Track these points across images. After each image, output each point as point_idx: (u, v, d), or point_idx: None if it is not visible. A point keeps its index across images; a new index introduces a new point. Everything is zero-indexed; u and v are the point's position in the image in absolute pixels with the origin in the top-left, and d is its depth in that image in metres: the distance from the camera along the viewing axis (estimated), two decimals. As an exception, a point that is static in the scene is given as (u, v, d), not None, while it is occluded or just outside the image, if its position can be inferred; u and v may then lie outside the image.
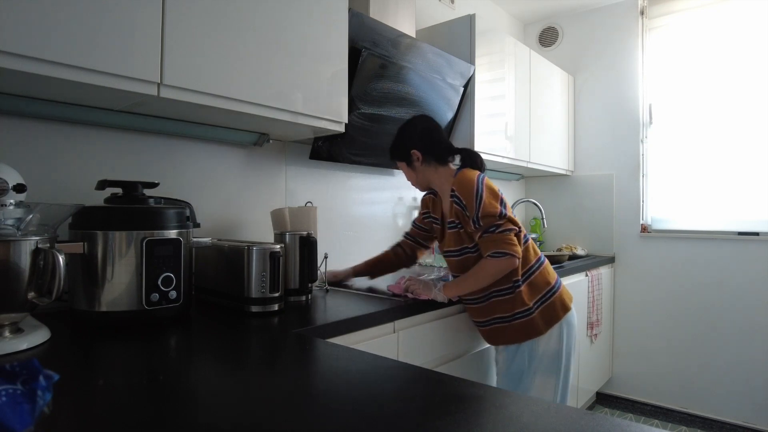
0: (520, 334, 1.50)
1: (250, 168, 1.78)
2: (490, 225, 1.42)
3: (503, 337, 1.53)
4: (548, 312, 1.50)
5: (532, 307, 1.48)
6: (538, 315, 1.49)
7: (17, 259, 0.88)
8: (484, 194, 1.43)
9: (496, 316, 1.51)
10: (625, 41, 3.09)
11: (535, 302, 1.49)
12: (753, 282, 2.64)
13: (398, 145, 1.60)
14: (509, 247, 1.40)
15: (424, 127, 1.59)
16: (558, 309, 1.52)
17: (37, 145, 1.27)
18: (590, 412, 0.65)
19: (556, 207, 3.34)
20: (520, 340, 1.51)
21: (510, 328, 1.50)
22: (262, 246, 1.28)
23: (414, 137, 1.57)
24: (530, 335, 1.49)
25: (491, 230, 1.42)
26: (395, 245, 1.82)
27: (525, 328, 1.49)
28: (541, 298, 1.50)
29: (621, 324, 3.09)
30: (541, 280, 1.52)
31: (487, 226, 1.42)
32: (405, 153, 1.58)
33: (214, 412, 0.67)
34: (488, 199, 1.43)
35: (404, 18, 2.08)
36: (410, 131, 1.59)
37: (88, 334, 1.05)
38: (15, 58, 0.91)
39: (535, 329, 1.49)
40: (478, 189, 1.44)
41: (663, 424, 2.81)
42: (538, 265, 1.54)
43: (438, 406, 0.69)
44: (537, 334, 1.49)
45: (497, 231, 1.41)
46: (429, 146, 1.56)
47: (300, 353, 0.98)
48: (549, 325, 1.50)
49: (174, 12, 1.13)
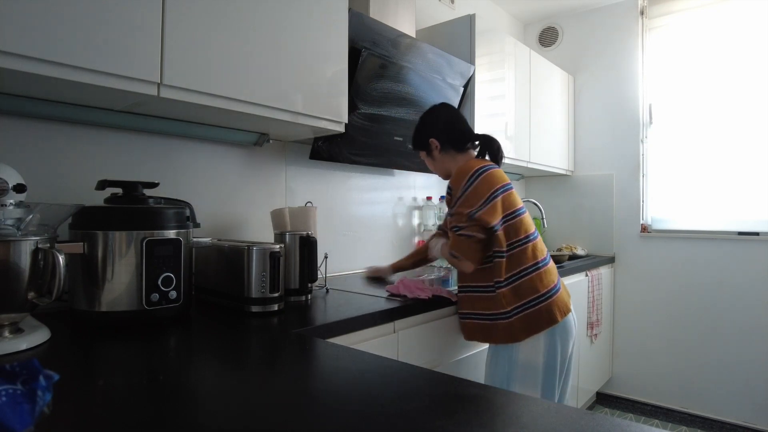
0: (496, 335, 1.44)
1: (250, 168, 1.78)
2: (457, 224, 1.41)
3: (477, 335, 1.50)
4: (529, 320, 1.41)
5: (511, 312, 1.41)
6: (517, 321, 1.41)
7: (17, 259, 0.88)
8: (470, 189, 1.40)
9: (475, 312, 1.48)
10: (625, 41, 3.09)
11: (516, 308, 1.41)
12: (753, 282, 2.64)
13: (418, 134, 1.61)
14: (464, 252, 1.40)
15: (443, 114, 1.59)
16: (542, 320, 1.42)
17: (37, 145, 1.27)
18: (590, 412, 0.65)
19: (556, 207, 3.34)
20: (495, 341, 1.46)
21: (485, 327, 1.46)
22: (262, 246, 1.28)
23: (435, 126, 1.57)
24: (504, 340, 1.43)
25: (454, 229, 1.41)
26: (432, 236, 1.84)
27: (500, 331, 1.43)
28: (524, 305, 1.41)
29: (621, 324, 3.09)
30: (528, 287, 1.42)
31: (454, 224, 1.42)
32: (424, 142, 1.58)
33: (214, 412, 0.67)
34: (471, 195, 1.39)
35: (404, 18, 2.08)
36: (432, 120, 1.59)
37: (88, 334, 1.05)
38: (15, 58, 0.91)
39: (510, 335, 1.42)
40: (468, 181, 1.41)
41: (663, 424, 2.81)
42: (533, 269, 1.45)
43: (438, 406, 0.69)
44: (512, 340, 1.42)
45: (458, 232, 1.40)
46: (448, 134, 1.55)
47: (300, 353, 0.98)
48: (527, 334, 1.41)
49: (174, 12, 1.13)
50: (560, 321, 1.44)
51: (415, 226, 2.56)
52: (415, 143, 1.63)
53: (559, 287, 1.49)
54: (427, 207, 2.58)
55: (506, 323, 1.42)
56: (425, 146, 1.59)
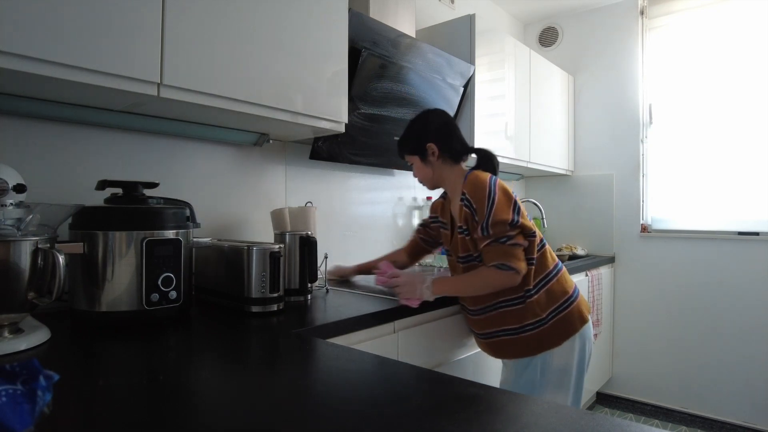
0: (530, 346, 1.39)
1: (250, 168, 1.78)
2: (501, 235, 1.32)
3: (510, 351, 1.44)
4: (564, 323, 1.39)
5: (546, 318, 1.38)
6: (552, 326, 1.38)
7: (17, 259, 0.88)
8: (497, 199, 1.33)
9: (503, 328, 1.41)
10: (625, 41, 3.09)
11: (551, 312, 1.38)
12: (753, 282, 2.64)
13: (411, 139, 1.50)
14: (516, 262, 1.31)
15: (443, 121, 1.51)
16: (575, 320, 1.41)
17: (37, 145, 1.27)
18: (590, 412, 0.65)
19: (556, 207, 3.34)
20: (531, 353, 1.40)
21: (519, 341, 1.40)
22: (262, 246, 1.28)
23: (431, 131, 1.48)
24: (542, 348, 1.39)
25: (501, 240, 1.32)
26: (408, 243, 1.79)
27: (537, 340, 1.38)
28: (558, 308, 1.39)
29: (621, 324, 3.09)
30: (559, 289, 1.41)
31: (497, 236, 1.32)
32: (420, 146, 1.48)
33: (214, 413, 0.67)
34: (501, 204, 1.33)
35: (404, 18, 2.08)
36: (426, 124, 1.50)
37: (88, 334, 1.05)
38: (15, 58, 0.91)
39: (548, 341, 1.38)
40: (491, 192, 1.33)
41: (663, 424, 2.81)
42: (556, 271, 1.43)
43: (438, 406, 0.69)
44: (550, 346, 1.38)
45: (507, 242, 1.31)
46: (447, 142, 1.47)
47: (300, 353, 0.98)
48: (564, 338, 1.39)
49: (174, 12, 1.13)
50: (588, 319, 1.46)
51: (415, 226, 2.56)
52: (406, 147, 1.52)
53: (577, 287, 1.50)
54: (427, 207, 2.58)
55: (541, 331, 1.38)
56: (419, 150, 1.48)
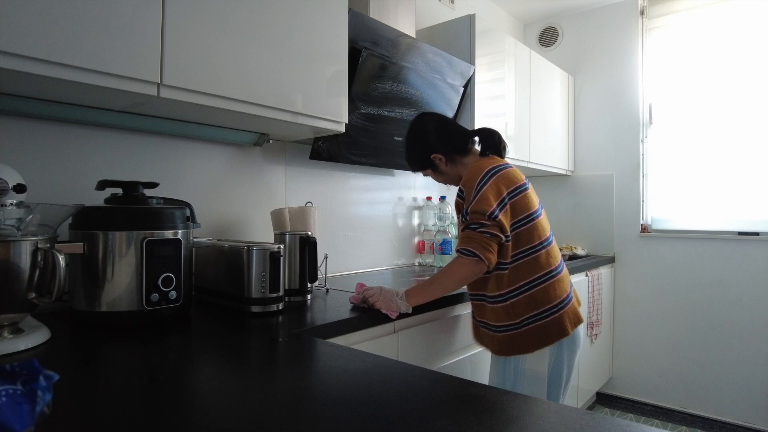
0: (503, 346, 1.38)
1: (250, 168, 1.78)
2: (475, 222, 1.32)
3: (488, 344, 1.45)
4: (538, 333, 1.35)
5: (519, 323, 1.35)
6: (525, 332, 1.35)
7: (17, 259, 0.88)
8: (485, 188, 1.34)
9: (483, 321, 1.43)
10: (625, 41, 3.09)
11: (526, 318, 1.35)
12: (753, 282, 2.64)
13: (415, 155, 1.53)
14: (482, 250, 1.29)
15: (435, 125, 1.51)
16: (552, 332, 1.36)
17: (37, 145, 1.27)
18: (590, 412, 0.65)
19: (556, 207, 3.34)
20: (504, 353, 1.39)
21: (495, 338, 1.40)
22: (262, 246, 1.28)
23: (430, 141, 1.49)
24: (515, 351, 1.37)
25: (473, 227, 1.32)
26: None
27: (509, 342, 1.37)
28: (535, 315, 1.35)
29: (621, 324, 3.09)
30: (543, 297, 1.36)
31: (471, 222, 1.33)
32: (426, 160, 1.50)
33: (214, 413, 0.67)
34: (486, 194, 1.33)
35: (404, 18, 2.08)
36: (423, 136, 1.51)
37: (88, 335, 1.05)
38: (15, 58, 0.91)
39: (519, 346, 1.36)
40: (481, 181, 1.35)
41: (663, 424, 2.81)
42: (548, 277, 1.38)
43: (438, 406, 0.69)
44: (522, 351, 1.36)
45: (479, 230, 1.31)
46: (448, 143, 1.49)
47: (300, 353, 0.98)
48: (536, 346, 1.36)
49: (174, 12, 1.13)
50: (570, 333, 1.38)
51: (415, 226, 2.56)
52: (416, 165, 1.55)
53: (571, 297, 1.43)
54: (427, 207, 2.58)
55: (513, 334, 1.36)
56: (428, 164, 1.51)
